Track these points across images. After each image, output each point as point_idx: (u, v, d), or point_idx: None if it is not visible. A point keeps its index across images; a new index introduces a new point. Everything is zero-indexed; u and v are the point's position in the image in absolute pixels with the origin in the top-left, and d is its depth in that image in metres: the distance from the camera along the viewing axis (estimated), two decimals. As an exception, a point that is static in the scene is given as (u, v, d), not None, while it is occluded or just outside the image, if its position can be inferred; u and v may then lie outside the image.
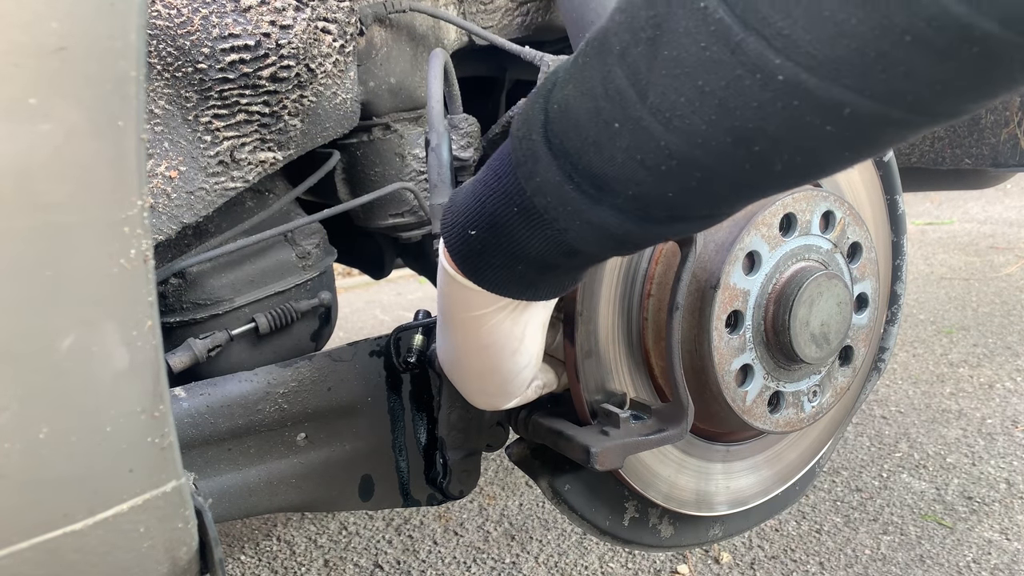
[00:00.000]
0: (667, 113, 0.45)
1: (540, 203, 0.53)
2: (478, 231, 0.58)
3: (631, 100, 0.47)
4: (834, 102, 0.40)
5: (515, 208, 0.55)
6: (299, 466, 0.87)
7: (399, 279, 4.30)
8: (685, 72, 0.44)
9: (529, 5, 1.07)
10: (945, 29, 0.36)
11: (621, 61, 0.47)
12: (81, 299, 0.47)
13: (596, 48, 0.50)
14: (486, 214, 0.57)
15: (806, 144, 0.43)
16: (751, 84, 0.42)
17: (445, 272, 0.63)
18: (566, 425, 0.77)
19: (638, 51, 0.46)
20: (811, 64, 0.39)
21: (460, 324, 0.65)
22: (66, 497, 0.49)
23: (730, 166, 0.46)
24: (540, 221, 0.54)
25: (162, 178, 0.78)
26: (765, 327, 0.80)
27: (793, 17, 0.39)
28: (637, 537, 0.92)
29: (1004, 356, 2.54)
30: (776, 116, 0.42)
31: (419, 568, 1.61)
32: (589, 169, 0.50)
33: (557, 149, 0.52)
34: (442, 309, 0.67)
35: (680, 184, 0.48)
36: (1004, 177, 1.88)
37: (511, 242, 0.56)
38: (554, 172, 0.52)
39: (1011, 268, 3.57)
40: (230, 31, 0.75)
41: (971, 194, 5.25)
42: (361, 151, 1.01)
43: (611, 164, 0.49)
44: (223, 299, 0.91)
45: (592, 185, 0.51)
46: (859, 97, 0.40)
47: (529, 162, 0.53)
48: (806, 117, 0.42)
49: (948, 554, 1.56)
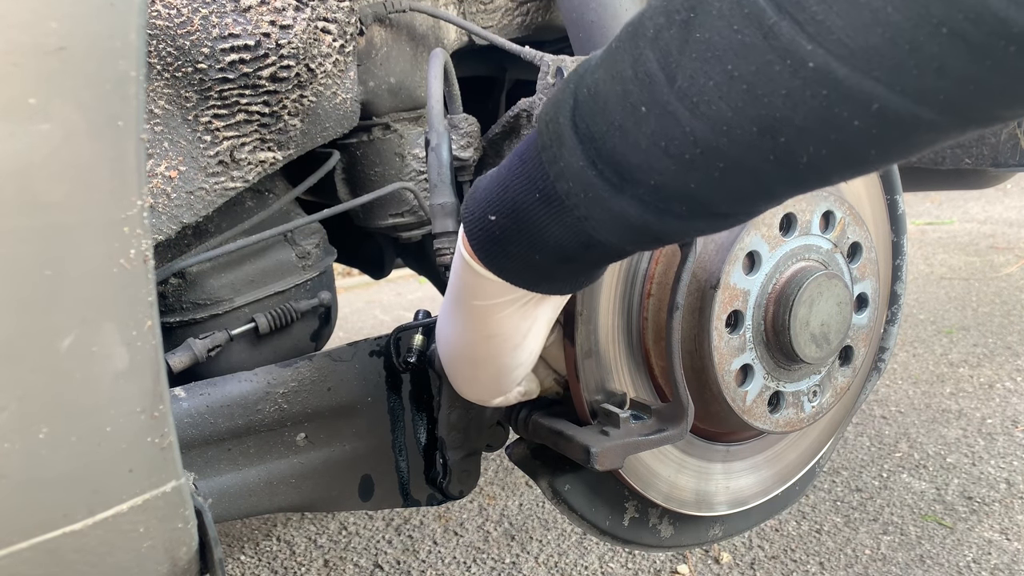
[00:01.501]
0: (695, 98, 0.45)
1: (562, 188, 0.53)
2: (499, 216, 0.57)
3: (659, 83, 0.46)
4: (863, 95, 0.40)
5: (537, 193, 0.54)
6: (299, 466, 0.87)
7: (399, 279, 4.30)
8: (716, 55, 0.43)
9: (529, 5, 1.07)
10: (982, 22, 0.35)
11: (654, 44, 0.47)
12: (81, 299, 0.47)
13: (630, 32, 0.49)
14: (508, 199, 0.56)
15: (832, 137, 0.43)
16: (781, 70, 0.41)
17: (461, 257, 0.63)
18: (566, 425, 0.77)
19: (671, 33, 0.46)
20: (843, 53, 0.39)
21: (469, 311, 0.65)
22: (66, 497, 0.49)
23: (754, 157, 0.45)
24: (561, 207, 0.53)
25: (162, 178, 0.78)
26: (765, 327, 0.80)
27: (828, 2, 0.39)
28: (637, 537, 0.92)
29: (1004, 356, 2.54)
30: (804, 105, 0.42)
31: (419, 568, 1.61)
32: (613, 155, 0.50)
33: (583, 133, 0.51)
34: (452, 294, 0.67)
35: (703, 175, 0.48)
36: (1004, 177, 1.88)
37: (531, 229, 0.56)
38: (578, 156, 0.51)
39: (1011, 268, 3.57)
40: (230, 31, 0.75)
41: (971, 194, 5.25)
42: (361, 151, 1.01)
43: (635, 150, 0.49)
44: (223, 299, 0.91)
45: (615, 172, 0.50)
46: (889, 92, 0.39)
47: (554, 146, 0.53)
48: (834, 108, 0.41)
49: (948, 554, 1.56)
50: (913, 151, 0.44)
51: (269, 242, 0.94)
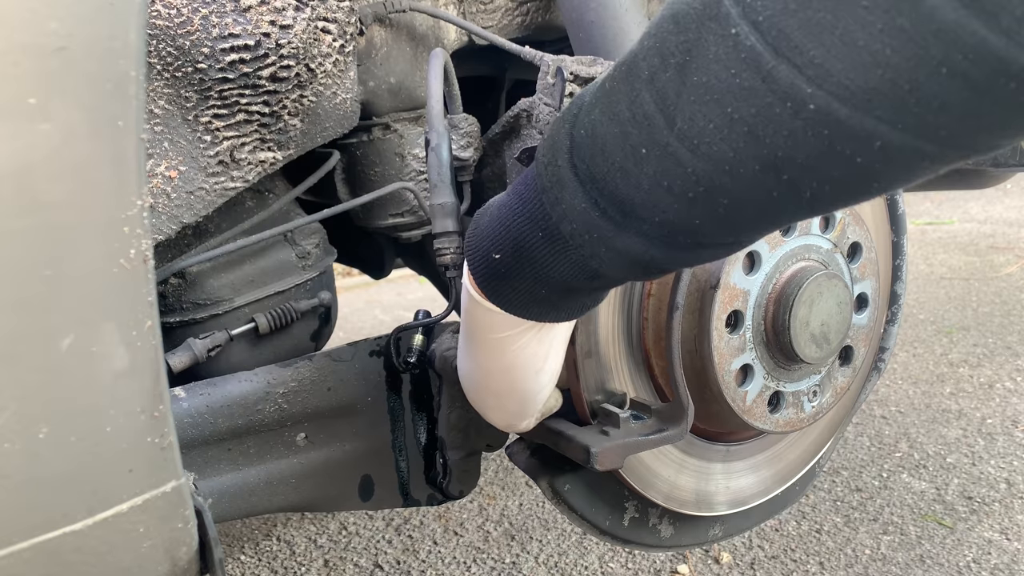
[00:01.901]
0: (695, 140, 0.45)
1: (566, 229, 0.53)
2: (502, 255, 0.58)
3: (659, 126, 0.46)
4: (866, 133, 0.40)
5: (540, 233, 0.55)
6: (299, 466, 0.87)
7: (399, 279, 4.30)
8: (714, 99, 0.43)
9: (529, 5, 1.07)
10: (982, 62, 0.35)
11: (650, 86, 0.47)
12: (81, 299, 0.47)
13: (624, 72, 0.49)
14: (510, 238, 0.57)
15: (835, 174, 0.43)
16: (781, 112, 0.41)
17: (469, 295, 0.63)
18: (566, 425, 0.77)
19: (667, 76, 0.46)
20: (843, 94, 0.39)
21: (483, 344, 0.66)
22: (66, 497, 0.49)
23: (758, 193, 0.46)
24: (565, 247, 0.54)
25: (162, 178, 0.78)
26: (765, 327, 0.80)
27: (826, 46, 0.38)
28: (637, 537, 0.92)
29: (1004, 356, 2.54)
30: (806, 145, 0.42)
31: (419, 568, 1.61)
32: (615, 195, 0.50)
33: (583, 175, 0.51)
34: (466, 330, 0.68)
35: (707, 211, 0.48)
36: (1004, 177, 1.88)
37: (535, 266, 0.56)
38: (580, 198, 0.52)
39: (1011, 268, 3.57)
40: (230, 31, 0.75)
41: (971, 194, 5.25)
42: (361, 151, 1.01)
43: (638, 190, 0.49)
44: (223, 299, 0.91)
45: (618, 211, 0.50)
46: (891, 129, 0.39)
47: (555, 188, 0.53)
48: (837, 147, 0.41)
49: (948, 554, 1.56)
50: (915, 180, 0.44)
51: (269, 242, 0.94)
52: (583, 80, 0.82)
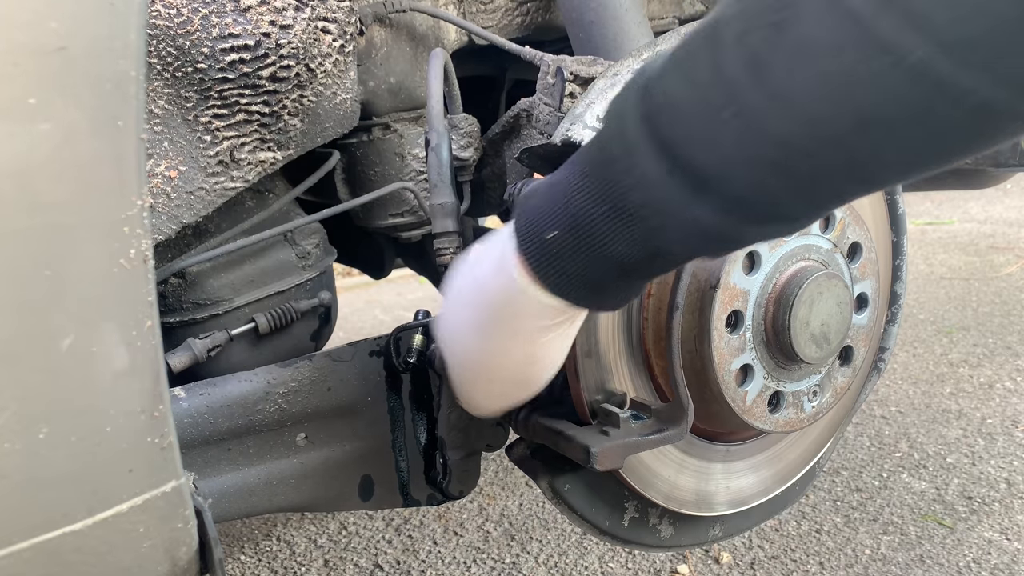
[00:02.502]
0: (785, 99, 0.44)
1: (635, 199, 0.52)
2: (559, 232, 0.56)
3: (745, 87, 0.46)
4: (964, 88, 0.39)
5: (605, 206, 0.53)
6: (299, 466, 0.87)
7: (399, 279, 4.30)
8: (810, 54, 0.43)
9: (529, 5, 1.07)
10: None
11: (737, 46, 0.46)
12: (81, 299, 0.47)
13: (704, 38, 0.49)
14: (568, 215, 0.55)
15: (926, 131, 0.42)
16: (879, 65, 0.41)
17: (512, 280, 0.60)
18: (566, 425, 0.77)
19: (759, 35, 0.45)
20: (945, 45, 0.38)
21: (511, 333, 0.63)
22: (66, 497, 0.49)
23: (843, 155, 0.45)
24: (631, 219, 0.53)
25: (162, 178, 0.78)
26: (765, 327, 0.80)
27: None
28: (637, 537, 0.92)
29: (1004, 356, 2.54)
30: (901, 100, 0.41)
31: (419, 568, 1.61)
32: (691, 162, 0.49)
33: (658, 143, 0.50)
34: (488, 319, 0.64)
35: (785, 178, 0.47)
36: (1004, 177, 1.88)
37: (593, 243, 0.55)
38: (654, 167, 0.50)
39: (1011, 268, 3.57)
40: (230, 31, 0.75)
41: (971, 194, 5.25)
42: (361, 151, 1.01)
43: (716, 157, 0.48)
44: (223, 299, 0.91)
45: (694, 180, 0.49)
46: (992, 85, 0.39)
47: (624, 158, 0.52)
48: (934, 102, 0.40)
49: (948, 554, 1.56)
50: (993, 145, 0.44)
51: (269, 242, 0.94)
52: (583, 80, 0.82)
